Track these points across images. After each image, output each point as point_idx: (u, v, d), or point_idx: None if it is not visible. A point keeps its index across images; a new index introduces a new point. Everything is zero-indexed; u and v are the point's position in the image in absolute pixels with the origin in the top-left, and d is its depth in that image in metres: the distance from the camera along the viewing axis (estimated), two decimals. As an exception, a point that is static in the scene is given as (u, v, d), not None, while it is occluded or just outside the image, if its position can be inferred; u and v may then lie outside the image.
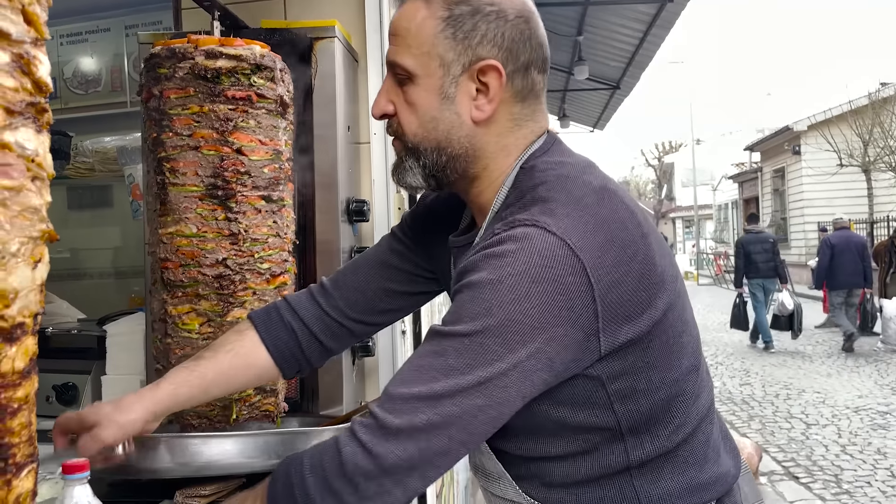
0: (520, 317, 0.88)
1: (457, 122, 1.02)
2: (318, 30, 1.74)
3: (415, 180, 1.06)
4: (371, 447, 0.88)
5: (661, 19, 6.09)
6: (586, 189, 0.97)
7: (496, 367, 0.88)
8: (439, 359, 0.90)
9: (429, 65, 1.00)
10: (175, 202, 1.46)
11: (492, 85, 1.00)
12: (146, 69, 1.49)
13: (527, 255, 0.89)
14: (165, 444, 1.28)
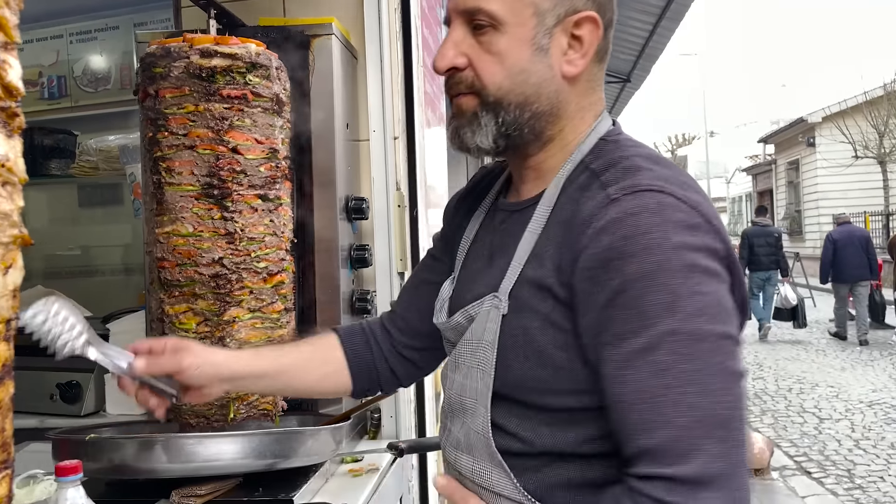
0: (704, 286, 0.81)
1: (548, 75, 0.95)
2: (315, 27, 1.73)
3: (484, 141, 0.97)
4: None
5: (670, 11, 6.04)
6: (667, 161, 0.93)
7: (723, 345, 0.81)
8: (663, 375, 0.79)
9: (521, 12, 0.93)
10: (171, 202, 1.46)
11: (586, 38, 0.94)
12: (142, 68, 1.49)
13: (674, 226, 0.81)
14: (162, 443, 1.29)
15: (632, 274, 0.81)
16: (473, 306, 1.00)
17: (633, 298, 0.81)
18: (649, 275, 0.80)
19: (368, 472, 1.60)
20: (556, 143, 0.99)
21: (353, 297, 1.81)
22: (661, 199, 0.83)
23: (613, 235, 0.83)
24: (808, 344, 10.04)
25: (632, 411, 0.80)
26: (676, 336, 0.79)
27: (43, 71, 3.51)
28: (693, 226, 0.83)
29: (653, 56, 7.62)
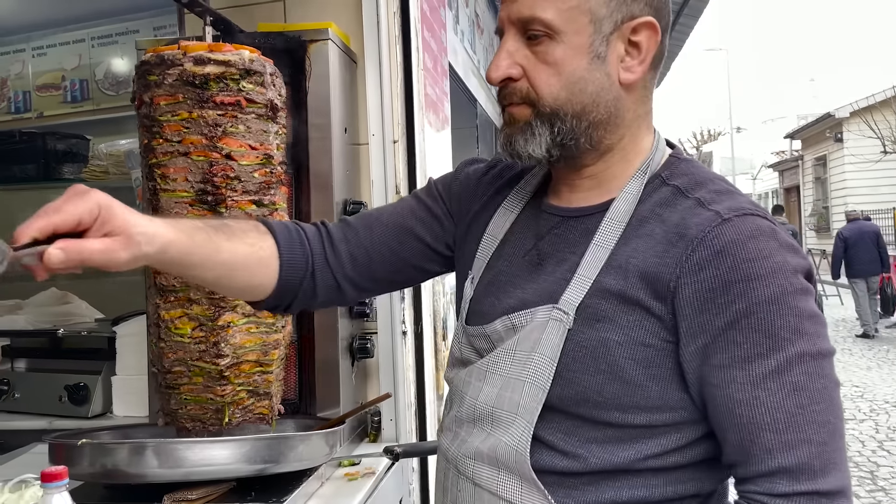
0: (814, 307, 0.87)
1: (606, 83, 0.93)
2: (311, 32, 1.74)
3: (537, 150, 0.95)
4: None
5: (688, 8, 5.97)
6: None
7: (833, 362, 0.87)
8: (798, 395, 0.83)
9: (577, 20, 0.91)
10: (166, 208, 1.47)
11: (644, 44, 0.93)
12: (137, 76, 1.51)
13: (786, 251, 0.86)
14: (152, 448, 1.30)
15: (758, 297, 0.83)
16: (521, 315, 0.96)
17: (762, 321, 0.83)
18: (777, 298, 0.83)
19: (364, 476, 1.60)
20: (616, 153, 0.98)
21: (351, 300, 1.82)
22: (768, 224, 0.87)
23: (735, 258, 0.84)
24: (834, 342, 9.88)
25: (765, 431, 0.83)
26: (804, 357, 0.83)
27: (66, 75, 3.57)
28: (797, 250, 0.88)
29: (672, 53, 7.53)
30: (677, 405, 0.89)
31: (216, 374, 1.48)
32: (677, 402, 0.89)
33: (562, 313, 0.91)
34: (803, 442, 0.82)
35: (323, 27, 1.74)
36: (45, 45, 3.59)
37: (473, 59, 3.65)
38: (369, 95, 1.88)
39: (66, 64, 3.54)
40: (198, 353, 1.48)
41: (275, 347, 1.56)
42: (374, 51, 1.87)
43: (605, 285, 0.90)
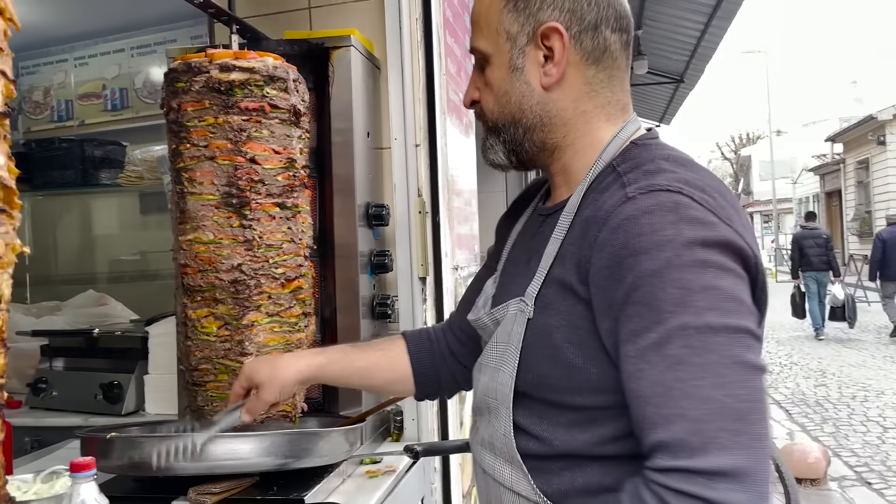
0: (718, 281, 0.82)
1: (527, 91, 1.00)
2: (334, 39, 1.78)
3: (498, 158, 1.06)
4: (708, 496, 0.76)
5: (721, 10, 5.93)
6: (697, 167, 0.94)
7: (737, 338, 0.81)
8: (681, 368, 0.80)
9: (498, 42, 1.01)
10: (193, 210, 1.52)
11: (556, 48, 0.98)
12: (166, 83, 1.56)
13: (687, 224, 0.83)
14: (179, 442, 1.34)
15: (644, 270, 0.82)
16: (499, 309, 1.04)
17: (646, 294, 0.82)
18: (660, 271, 0.81)
19: (385, 474, 1.63)
20: (567, 150, 1.02)
21: (373, 301, 1.85)
22: (678, 198, 0.85)
23: (628, 233, 0.84)
24: (875, 350, 9.67)
25: (648, 405, 0.81)
26: (687, 330, 0.80)
27: (106, 84, 3.68)
28: (708, 223, 0.84)
29: (706, 56, 7.48)
30: (619, 387, 0.86)
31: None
32: (618, 384, 0.86)
33: (525, 304, 0.97)
34: (679, 417, 0.79)
35: (345, 34, 1.78)
36: (87, 56, 3.71)
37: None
38: (392, 100, 1.91)
39: (106, 73, 3.65)
40: (223, 351, 1.53)
41: (298, 346, 1.60)
42: (397, 56, 1.90)
43: (553, 274, 0.95)
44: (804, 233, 10.98)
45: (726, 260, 0.83)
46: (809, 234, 10.85)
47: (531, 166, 1.08)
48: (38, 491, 1.21)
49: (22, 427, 2.20)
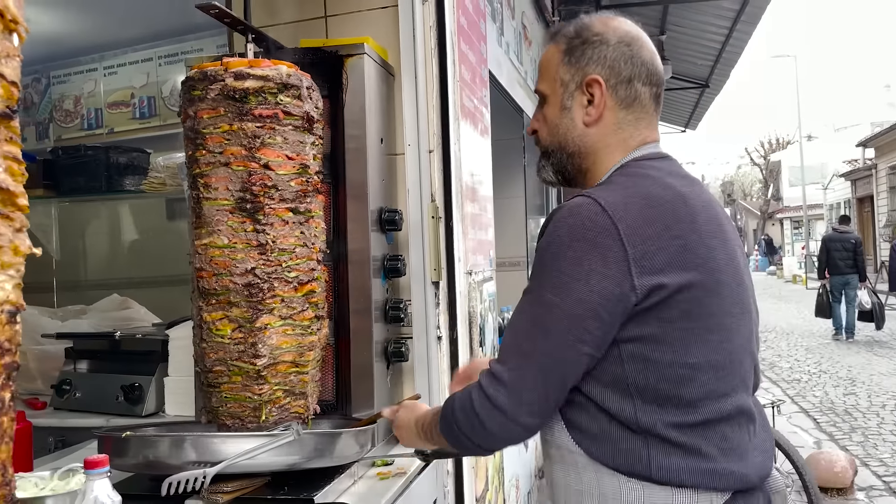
0: (568, 269, 1.11)
1: (571, 125, 1.29)
2: (348, 47, 1.81)
3: (549, 176, 1.35)
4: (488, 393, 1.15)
5: (745, 15, 5.88)
6: (653, 182, 1.19)
7: (554, 314, 1.11)
8: (517, 315, 1.19)
9: (554, 87, 1.30)
10: (208, 215, 1.55)
11: (596, 95, 1.26)
12: (183, 92, 1.59)
13: (573, 222, 1.12)
14: (190, 441, 1.38)
15: (539, 247, 1.18)
16: None
17: (535, 264, 1.18)
18: (542, 249, 1.16)
19: (396, 476, 1.65)
20: (592, 174, 1.30)
21: (386, 305, 1.87)
22: (583, 201, 1.14)
23: (549, 225, 1.18)
24: (908, 357, 9.49)
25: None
26: (529, 295, 1.17)
27: (134, 92, 3.75)
28: (591, 225, 1.11)
29: (731, 60, 7.41)
30: None
31: (254, 374, 1.55)
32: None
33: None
34: (504, 341, 1.19)
35: (359, 42, 1.81)
36: (116, 65, 3.79)
37: (520, 71, 3.68)
38: (405, 107, 1.94)
39: (135, 82, 3.73)
40: (237, 353, 1.56)
41: (310, 349, 1.63)
42: (410, 64, 1.93)
43: None
44: (833, 235, 11.28)
45: (589, 253, 1.10)
46: (839, 237, 11.12)
47: (573, 184, 1.35)
48: (54, 487, 1.25)
49: (46, 427, 2.25)
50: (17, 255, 0.81)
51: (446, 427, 1.21)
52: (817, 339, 11.54)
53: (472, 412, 1.15)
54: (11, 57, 0.87)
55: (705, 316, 1.13)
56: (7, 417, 0.83)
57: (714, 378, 1.14)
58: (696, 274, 1.12)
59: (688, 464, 1.12)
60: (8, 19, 0.83)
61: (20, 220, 0.81)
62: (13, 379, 0.89)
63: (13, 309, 0.85)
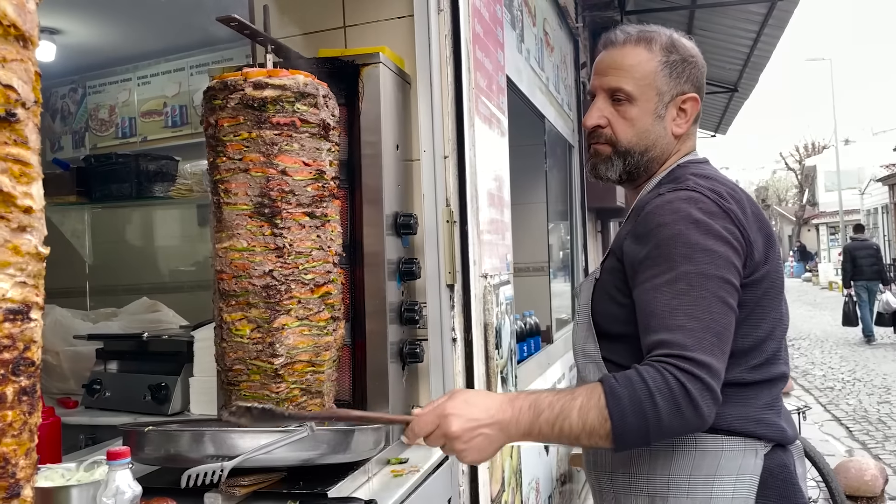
0: (714, 244, 1.20)
1: (663, 133, 1.39)
2: (364, 57, 1.86)
3: (612, 174, 1.42)
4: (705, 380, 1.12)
5: (773, 19, 5.84)
6: (725, 181, 1.35)
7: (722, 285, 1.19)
8: (684, 298, 1.17)
9: (648, 93, 1.37)
10: (228, 220, 1.61)
11: (689, 110, 1.41)
12: (204, 101, 1.66)
13: (696, 207, 1.23)
14: (209, 436, 1.43)
15: (665, 234, 1.22)
16: (582, 282, 1.49)
17: (663, 251, 1.22)
18: (674, 235, 1.21)
19: (409, 473, 1.69)
20: (656, 176, 1.42)
21: (401, 307, 1.92)
22: (693, 194, 1.26)
23: (654, 213, 1.26)
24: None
25: (656, 318, 1.19)
26: (690, 274, 1.19)
27: (167, 101, 3.86)
28: (712, 211, 1.24)
29: (759, 64, 7.36)
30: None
31: (272, 373, 1.61)
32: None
33: (597, 271, 1.41)
34: (679, 328, 1.16)
35: (375, 51, 1.86)
36: (149, 75, 3.90)
37: (541, 77, 3.71)
38: (421, 114, 1.98)
39: (167, 91, 3.84)
40: (255, 353, 1.61)
41: (326, 349, 1.68)
42: (426, 72, 1.97)
43: (611, 249, 1.40)
44: (855, 244, 11.95)
45: (723, 233, 1.22)
46: (860, 245, 11.81)
47: (630, 183, 1.45)
48: (79, 478, 1.31)
49: (77, 425, 2.34)
50: (19, 254, 0.83)
51: (633, 414, 1.11)
52: (852, 347, 11.35)
53: (684, 396, 1.10)
54: (10, 61, 0.90)
55: (773, 296, 1.31)
56: (12, 412, 0.87)
57: (772, 347, 1.31)
58: (773, 262, 1.30)
59: (739, 412, 1.26)
60: (6, 25, 0.86)
61: (19, 220, 0.83)
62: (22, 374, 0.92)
63: (14, 307, 0.86)
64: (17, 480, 0.89)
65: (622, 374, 1.15)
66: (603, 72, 1.41)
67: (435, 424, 1.18)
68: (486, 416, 1.17)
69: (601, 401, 1.13)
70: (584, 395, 1.15)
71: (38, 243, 0.92)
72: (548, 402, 1.16)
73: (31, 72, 0.95)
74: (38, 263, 0.94)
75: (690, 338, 1.14)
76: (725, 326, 1.18)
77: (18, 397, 0.92)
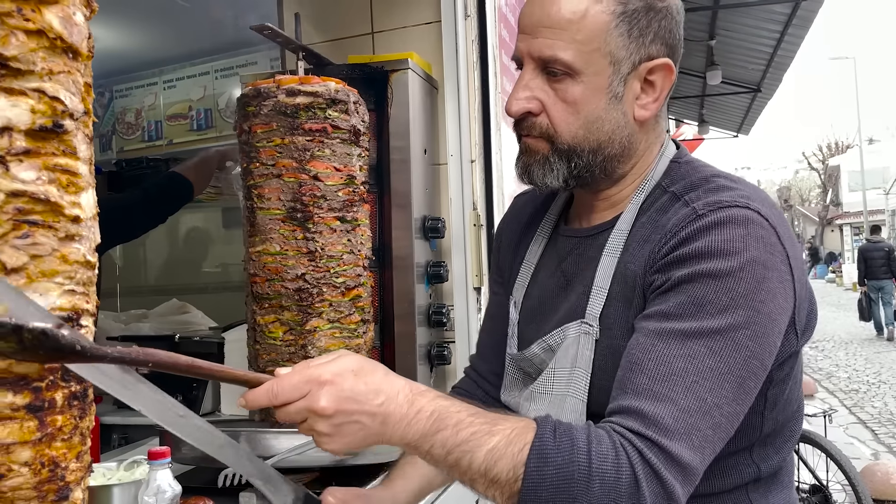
0: (762, 307, 0.86)
1: (622, 121, 0.98)
2: (393, 63, 1.90)
3: (555, 181, 1.01)
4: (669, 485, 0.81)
5: (797, 19, 5.81)
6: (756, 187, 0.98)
7: (751, 365, 0.86)
8: (694, 362, 0.84)
9: (597, 61, 0.95)
10: (261, 224, 1.65)
11: (659, 84, 0.98)
12: (238, 108, 1.69)
13: (755, 241, 0.86)
14: (245, 436, 1.46)
15: (702, 270, 0.86)
16: (553, 335, 1.02)
17: (695, 290, 0.86)
18: (717, 275, 0.85)
19: (438, 474, 1.71)
20: (628, 178, 1.04)
21: (429, 310, 1.94)
22: (747, 213, 0.88)
23: (698, 240, 0.88)
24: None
25: (643, 375, 0.85)
26: (716, 336, 0.84)
27: (192, 105, 3.92)
28: (770, 244, 0.88)
29: (783, 64, 7.32)
30: None
31: (304, 374, 1.64)
32: None
33: (588, 326, 0.98)
34: (669, 400, 0.83)
35: (403, 58, 1.89)
36: (175, 79, 3.95)
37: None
38: (448, 118, 2.01)
39: (192, 95, 3.89)
40: (288, 355, 1.64)
41: (357, 351, 1.70)
42: (453, 77, 2.00)
43: (613, 293, 0.97)
44: (868, 245, 12.64)
45: (780, 286, 0.87)
46: (873, 246, 12.45)
47: (581, 189, 1.06)
48: (120, 477, 1.34)
49: (111, 424, 2.38)
50: (67, 263, 0.85)
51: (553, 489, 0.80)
52: (876, 349, 11.23)
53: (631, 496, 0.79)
54: (57, 73, 0.91)
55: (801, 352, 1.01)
56: (62, 416, 0.90)
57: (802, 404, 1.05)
58: (813, 310, 0.99)
59: (780, 501, 1.01)
60: (52, 37, 0.88)
61: (66, 230, 0.84)
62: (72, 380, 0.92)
63: (64, 315, 0.84)
64: (66, 483, 0.91)
65: (566, 428, 0.83)
66: (531, 30, 0.98)
67: (303, 392, 0.85)
68: (374, 401, 0.84)
69: (523, 453, 0.81)
70: (504, 436, 0.83)
71: (86, 251, 0.93)
72: (455, 421, 0.84)
73: (79, 83, 0.98)
74: (88, 271, 0.96)
75: (679, 421, 0.82)
76: (730, 418, 0.85)
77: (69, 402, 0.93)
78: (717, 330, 0.84)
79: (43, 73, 0.86)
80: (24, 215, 0.83)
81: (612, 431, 0.83)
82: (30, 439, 0.84)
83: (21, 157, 0.84)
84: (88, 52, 1.02)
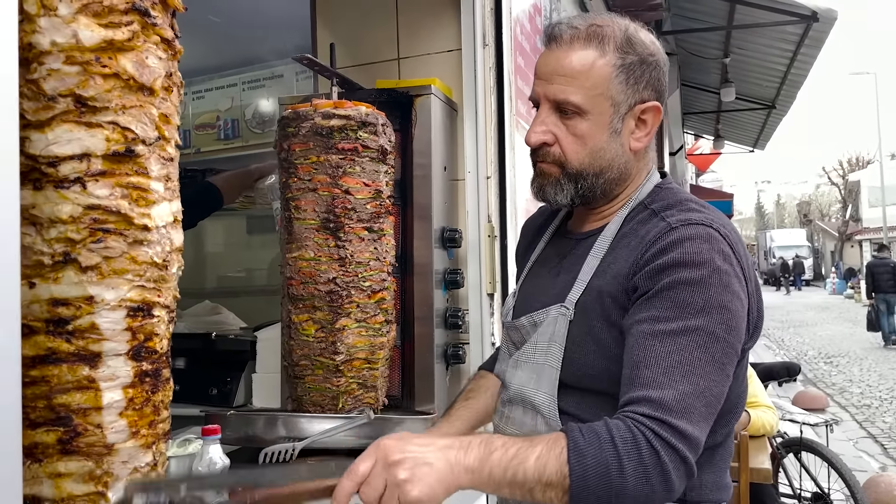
0: (730, 304, 1.07)
1: (620, 151, 1.22)
2: (417, 88, 2.08)
3: (563, 199, 1.25)
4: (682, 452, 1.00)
5: (809, 38, 5.94)
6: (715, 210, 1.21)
7: (728, 352, 1.07)
8: (685, 354, 1.04)
9: (601, 103, 1.19)
10: (298, 233, 1.84)
11: (650, 121, 1.23)
12: (279, 128, 1.89)
13: (717, 254, 1.08)
14: (282, 420, 1.66)
15: (681, 278, 1.07)
16: (539, 313, 1.25)
17: (677, 295, 1.07)
18: (694, 282, 1.07)
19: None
20: (620, 198, 1.28)
21: (446, 313, 2.13)
22: (710, 231, 1.11)
23: (673, 252, 1.09)
24: None
25: (645, 369, 1.05)
26: (699, 331, 1.05)
27: (220, 115, 4.11)
28: (729, 257, 1.11)
29: (797, 82, 7.44)
30: None
31: (333, 368, 1.82)
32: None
33: (566, 309, 1.20)
34: (670, 387, 1.03)
35: (426, 83, 2.08)
36: (203, 90, 4.15)
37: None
38: (466, 138, 2.20)
39: (220, 105, 4.08)
40: (319, 350, 1.83)
41: (380, 349, 1.89)
42: (472, 100, 2.19)
43: (592, 285, 1.19)
44: (876, 262, 14.05)
45: (739, 289, 1.10)
46: (880, 262, 13.92)
47: (586, 206, 1.29)
48: (175, 452, 1.54)
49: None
50: (136, 263, 1.04)
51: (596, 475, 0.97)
52: (891, 364, 11.23)
53: (655, 466, 0.98)
54: (129, 108, 1.06)
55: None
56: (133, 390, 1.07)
57: (742, 403, 1.24)
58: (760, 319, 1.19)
59: (713, 479, 1.19)
60: (125, 79, 1.06)
61: (135, 236, 1.02)
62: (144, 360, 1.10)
63: (134, 306, 1.05)
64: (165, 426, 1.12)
65: (589, 427, 1.01)
66: (547, 77, 1.21)
67: (374, 458, 0.97)
68: (433, 445, 0.99)
69: (563, 454, 0.98)
70: (545, 444, 1.00)
71: (154, 254, 1.12)
72: (501, 443, 1.00)
73: (152, 115, 1.17)
74: (159, 271, 1.15)
75: (679, 402, 1.01)
76: (718, 396, 1.06)
77: (140, 378, 1.13)
78: (698, 326, 1.05)
79: (117, 108, 1.05)
80: (98, 224, 1.03)
81: (626, 419, 1.02)
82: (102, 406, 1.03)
83: (97, 178, 1.04)
84: (167, 87, 1.21)
